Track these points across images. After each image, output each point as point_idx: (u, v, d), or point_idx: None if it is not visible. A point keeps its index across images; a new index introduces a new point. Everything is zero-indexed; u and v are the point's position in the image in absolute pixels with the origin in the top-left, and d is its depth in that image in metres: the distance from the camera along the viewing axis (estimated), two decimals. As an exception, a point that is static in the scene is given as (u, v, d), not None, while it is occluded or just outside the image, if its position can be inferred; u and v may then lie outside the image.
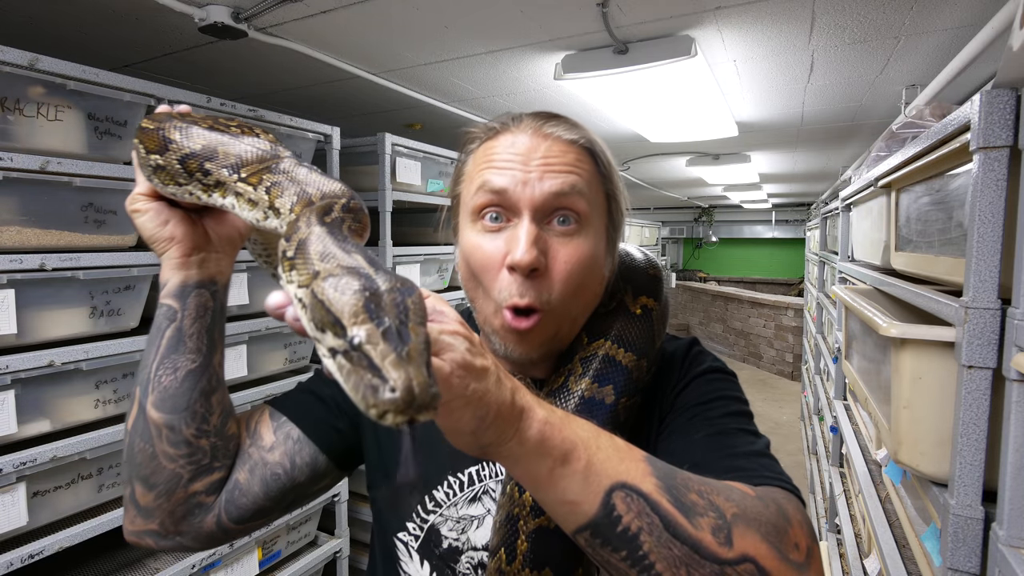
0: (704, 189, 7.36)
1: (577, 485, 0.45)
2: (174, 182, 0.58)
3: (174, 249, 0.62)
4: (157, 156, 0.58)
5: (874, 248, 1.77)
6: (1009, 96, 0.80)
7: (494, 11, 1.77)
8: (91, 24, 1.89)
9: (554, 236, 0.65)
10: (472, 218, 0.67)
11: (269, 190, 0.54)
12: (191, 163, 0.57)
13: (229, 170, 0.56)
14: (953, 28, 1.85)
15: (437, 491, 0.72)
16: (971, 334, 0.85)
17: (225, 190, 0.57)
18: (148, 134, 0.59)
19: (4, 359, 1.30)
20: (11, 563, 1.32)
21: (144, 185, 0.62)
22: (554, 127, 0.67)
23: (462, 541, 0.70)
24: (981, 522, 0.86)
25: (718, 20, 1.81)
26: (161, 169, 0.58)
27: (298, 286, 0.43)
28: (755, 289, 10.22)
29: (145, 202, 0.62)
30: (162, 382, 0.63)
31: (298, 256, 0.45)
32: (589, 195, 0.66)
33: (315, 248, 0.45)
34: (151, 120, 0.61)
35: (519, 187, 0.63)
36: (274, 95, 2.73)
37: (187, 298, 0.63)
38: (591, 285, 0.68)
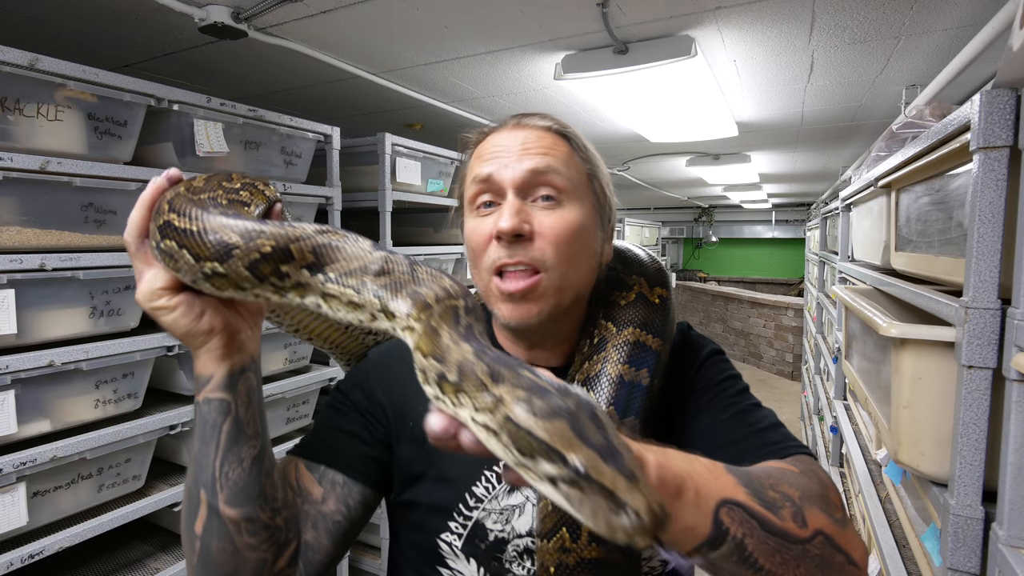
0: (704, 189, 7.36)
1: (691, 512, 0.49)
2: (235, 287, 0.53)
3: (215, 340, 0.59)
4: (215, 264, 0.51)
5: (874, 248, 1.77)
6: (1009, 96, 0.81)
7: (494, 11, 1.77)
8: (91, 24, 1.89)
9: (538, 209, 0.71)
10: (469, 209, 0.75)
11: (379, 294, 0.51)
12: (263, 268, 0.51)
13: (312, 271, 0.52)
14: (953, 28, 1.85)
15: (477, 487, 0.73)
16: (971, 334, 0.85)
17: (306, 290, 0.52)
18: (191, 238, 0.52)
19: (4, 359, 1.30)
20: (11, 563, 1.32)
21: (164, 278, 0.56)
22: (530, 119, 0.76)
23: (507, 531, 0.72)
24: (981, 522, 0.87)
25: (718, 20, 1.81)
26: (220, 276, 0.52)
27: (477, 411, 0.43)
28: (755, 289, 10.22)
29: (169, 297, 0.56)
30: (231, 478, 0.60)
31: (464, 382, 0.43)
32: (567, 172, 0.73)
33: (479, 370, 0.43)
34: (182, 215, 0.53)
35: (501, 170, 0.71)
36: (274, 95, 2.73)
37: (237, 386, 0.61)
38: (584, 254, 0.74)
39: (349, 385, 0.82)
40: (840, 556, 0.56)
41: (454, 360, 0.45)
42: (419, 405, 0.74)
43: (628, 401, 0.71)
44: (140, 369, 1.63)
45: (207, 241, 0.51)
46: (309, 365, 2.24)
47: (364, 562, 2.63)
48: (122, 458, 1.59)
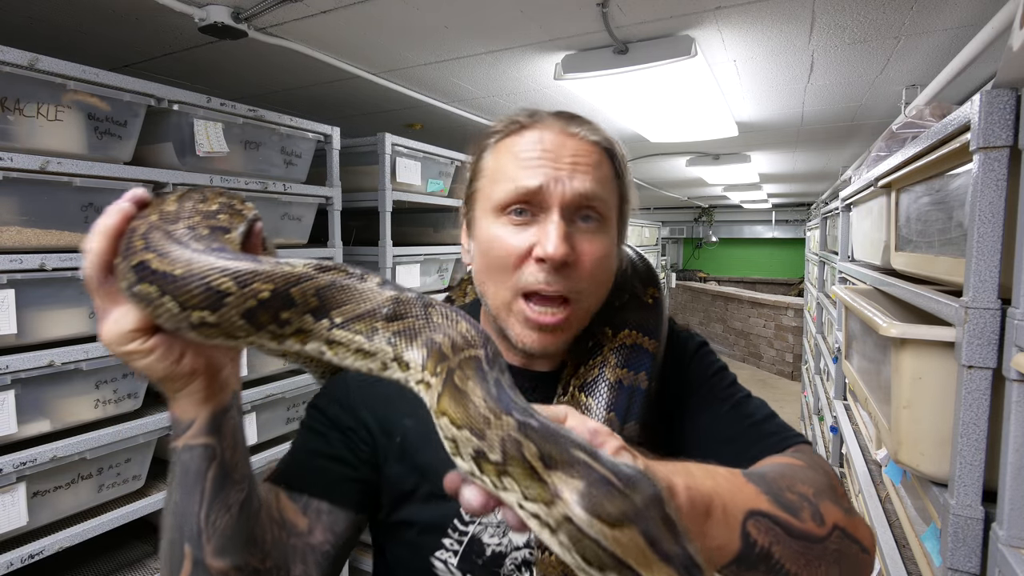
0: (704, 189, 7.36)
1: (721, 530, 0.48)
2: (226, 336, 0.46)
3: (197, 383, 0.53)
4: (204, 313, 0.45)
5: (874, 248, 1.77)
6: (1009, 96, 0.81)
7: (494, 11, 1.77)
8: (91, 24, 1.89)
9: (579, 233, 0.67)
10: (495, 212, 0.68)
11: (392, 341, 0.47)
12: (261, 316, 0.46)
13: (316, 316, 0.47)
14: (953, 28, 1.85)
15: None
16: (971, 334, 0.85)
17: (308, 337, 0.47)
18: (175, 284, 0.44)
19: (4, 359, 1.30)
20: (11, 563, 1.32)
21: (135, 319, 0.48)
22: (579, 127, 0.70)
23: (504, 544, 0.69)
24: (981, 522, 0.87)
25: (718, 20, 1.81)
26: (210, 326, 0.46)
27: (527, 500, 0.39)
28: (755, 289, 10.22)
29: (143, 339, 0.49)
30: (218, 527, 0.55)
31: (510, 464, 0.39)
32: (609, 195, 0.70)
33: (528, 452, 0.39)
34: (162, 256, 0.45)
35: (551, 184, 0.65)
36: (274, 95, 2.73)
37: (222, 428, 0.55)
38: (608, 279, 0.72)
39: (327, 402, 0.76)
40: (855, 546, 0.58)
41: (495, 437, 0.40)
42: (406, 418, 0.72)
43: (628, 406, 0.70)
44: (140, 369, 1.63)
45: (194, 288, 0.44)
46: None
47: (364, 562, 2.63)
48: (122, 458, 1.59)
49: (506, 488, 0.39)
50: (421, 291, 0.95)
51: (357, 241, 2.49)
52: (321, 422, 0.74)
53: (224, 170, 1.81)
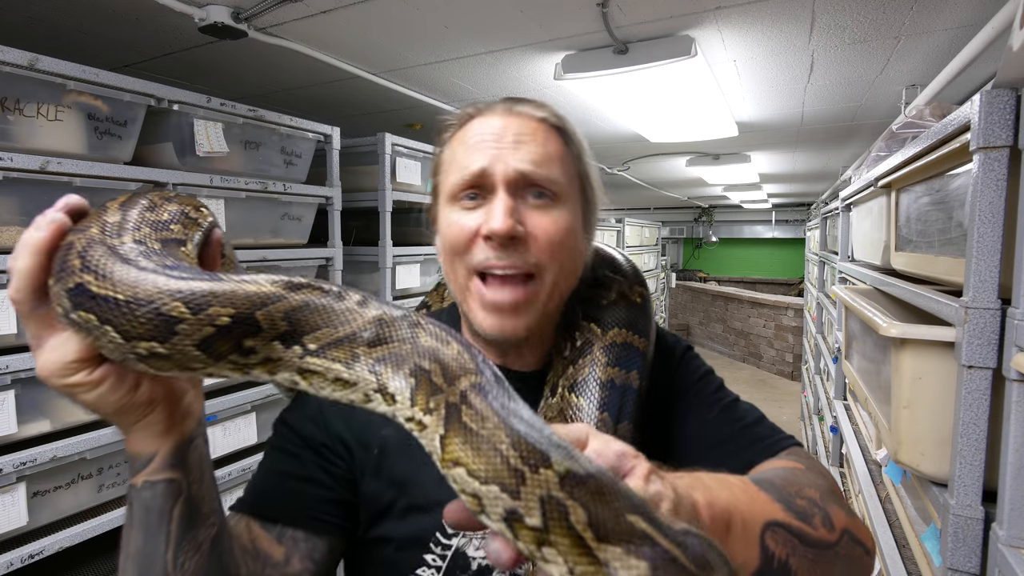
0: (704, 189, 7.36)
1: (741, 546, 0.47)
2: (181, 368, 0.40)
3: (156, 413, 0.48)
4: (154, 343, 0.38)
5: (874, 248, 1.77)
6: (1009, 96, 0.80)
7: (494, 11, 1.77)
8: (91, 24, 1.89)
9: (530, 208, 0.65)
10: (450, 201, 0.68)
11: (375, 369, 0.41)
12: (220, 346, 0.39)
13: (286, 342, 0.41)
14: (953, 28, 1.85)
15: None
16: (971, 334, 0.85)
17: (277, 366, 0.42)
18: (117, 312, 0.38)
19: (4, 359, 1.30)
20: (11, 563, 1.32)
21: (77, 347, 0.42)
22: (523, 107, 0.69)
23: None
24: (981, 522, 0.86)
25: (718, 20, 1.81)
26: (160, 358, 0.39)
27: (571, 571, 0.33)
28: (755, 289, 10.21)
29: (89, 370, 0.43)
30: (188, 569, 0.50)
31: (555, 533, 0.33)
32: (561, 171, 0.67)
33: (576, 519, 0.32)
34: (101, 276, 0.38)
35: (493, 164, 0.64)
36: (274, 95, 2.73)
37: (188, 460, 0.50)
38: (573, 259, 0.69)
39: (298, 418, 0.71)
40: (859, 549, 0.58)
41: (533, 496, 0.33)
42: (383, 428, 0.68)
43: (621, 406, 0.68)
44: (140, 369, 1.63)
45: (140, 315, 0.37)
46: None
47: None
48: (122, 458, 1.59)
49: (546, 560, 0.33)
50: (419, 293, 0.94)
51: (357, 241, 2.49)
52: (292, 441, 0.69)
53: (224, 170, 1.81)
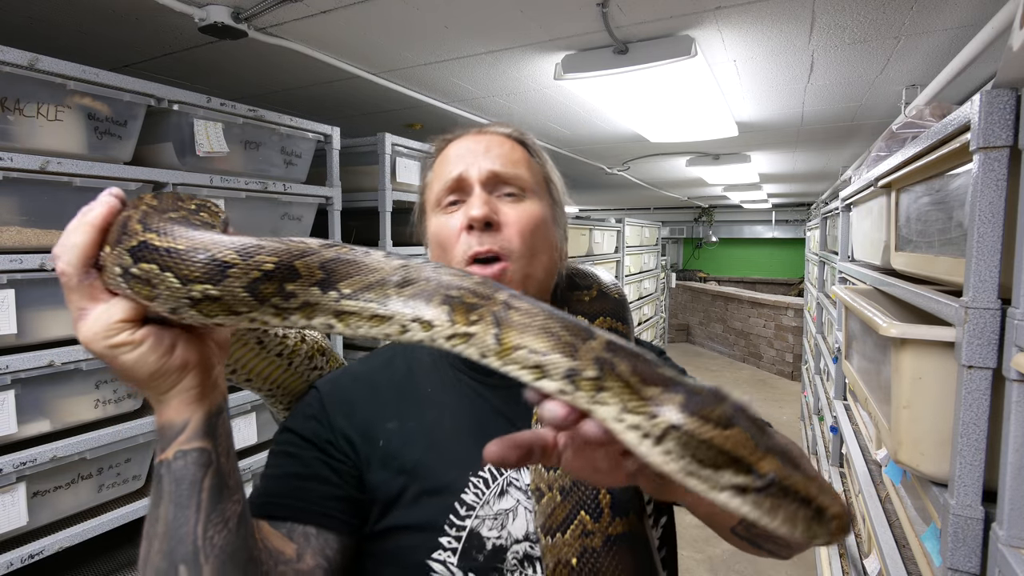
0: (704, 189, 7.36)
1: None
2: (228, 312, 0.45)
3: (190, 377, 0.50)
4: (207, 286, 0.44)
5: (874, 248, 1.77)
6: (1009, 96, 0.80)
7: (494, 11, 1.77)
8: (91, 24, 1.89)
9: (503, 203, 0.76)
10: (435, 208, 0.78)
11: (410, 303, 0.47)
12: (265, 288, 0.45)
13: (323, 288, 0.46)
14: (953, 28, 1.85)
15: (466, 493, 0.69)
16: (971, 334, 0.85)
17: (315, 311, 0.46)
18: (178, 258, 0.44)
19: (4, 359, 1.30)
20: (11, 563, 1.32)
21: (124, 309, 0.47)
22: (490, 127, 0.82)
23: (504, 537, 0.68)
24: (981, 522, 0.86)
25: (718, 20, 1.81)
26: (212, 300, 0.44)
27: (627, 412, 0.41)
28: (755, 289, 10.22)
29: (132, 330, 0.47)
30: (216, 544, 0.50)
31: (607, 379, 0.42)
32: (527, 172, 0.78)
33: (623, 369, 0.42)
34: (163, 234, 0.45)
35: (469, 169, 0.76)
36: (274, 95, 2.73)
37: (217, 430, 0.52)
38: (545, 245, 0.77)
39: (299, 421, 0.73)
40: None
41: (587, 357, 0.43)
42: (388, 422, 0.72)
43: None
44: (140, 369, 1.63)
45: (198, 260, 0.44)
46: None
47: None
48: (122, 458, 1.59)
49: (603, 403, 0.42)
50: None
51: (357, 241, 2.46)
52: (294, 443, 0.71)
53: (224, 170, 1.82)
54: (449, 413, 0.74)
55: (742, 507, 0.39)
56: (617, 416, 0.41)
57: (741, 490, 0.39)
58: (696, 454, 0.39)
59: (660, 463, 0.40)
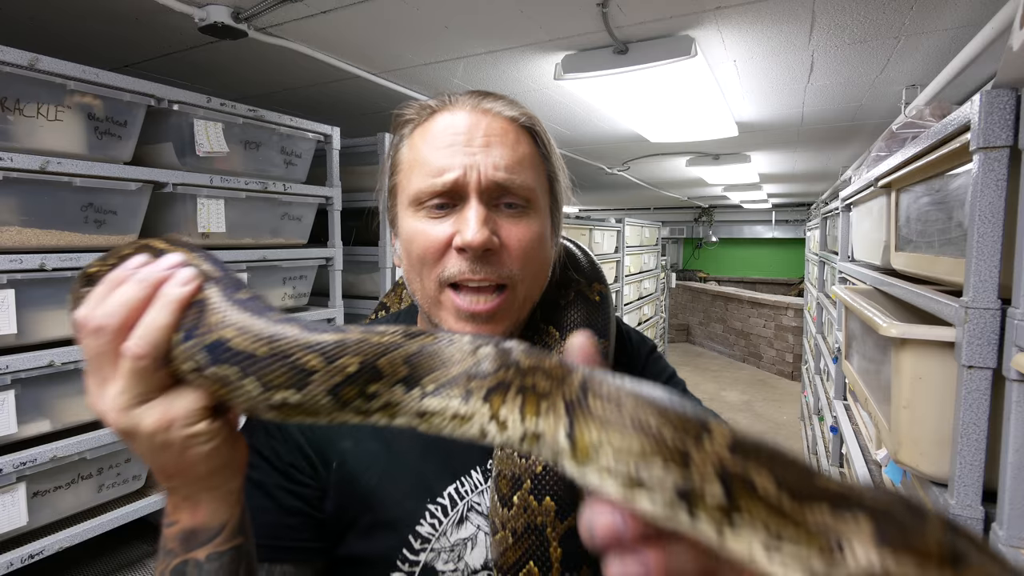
0: (704, 189, 7.36)
1: None
2: (307, 415, 0.41)
3: (239, 474, 0.47)
4: (290, 391, 0.40)
5: (874, 248, 1.77)
6: (1009, 96, 0.80)
7: (494, 11, 1.77)
8: (91, 24, 1.89)
9: (503, 218, 0.63)
10: (414, 207, 0.64)
11: (487, 398, 0.39)
12: (347, 392, 0.40)
13: (408, 385, 0.41)
14: (953, 28, 1.85)
15: (421, 526, 0.64)
16: (971, 334, 0.85)
17: (397, 411, 0.41)
18: (261, 365, 0.40)
19: (4, 359, 1.30)
20: (11, 563, 1.32)
21: (200, 396, 0.42)
22: (492, 103, 0.65)
23: (461, 568, 0.64)
24: (981, 522, 0.87)
25: (718, 20, 1.81)
26: (291, 407, 0.40)
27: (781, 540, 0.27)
28: (755, 289, 10.22)
29: (210, 421, 0.43)
30: None
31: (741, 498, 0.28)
32: (533, 176, 0.65)
33: (763, 483, 0.28)
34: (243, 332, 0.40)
35: (466, 172, 0.60)
36: (274, 95, 2.73)
37: (246, 522, 0.49)
38: (544, 266, 0.68)
39: (261, 440, 0.65)
40: None
41: (708, 466, 0.29)
42: (343, 440, 0.66)
43: None
44: (140, 369, 1.63)
45: (279, 367, 0.40)
46: (308, 306, 2.23)
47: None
48: (122, 458, 1.59)
49: (739, 534, 0.28)
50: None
51: (357, 241, 2.49)
52: (258, 467, 0.64)
53: (224, 170, 1.82)
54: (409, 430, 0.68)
55: None
56: (764, 553, 0.28)
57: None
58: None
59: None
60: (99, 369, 0.42)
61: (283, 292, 2.09)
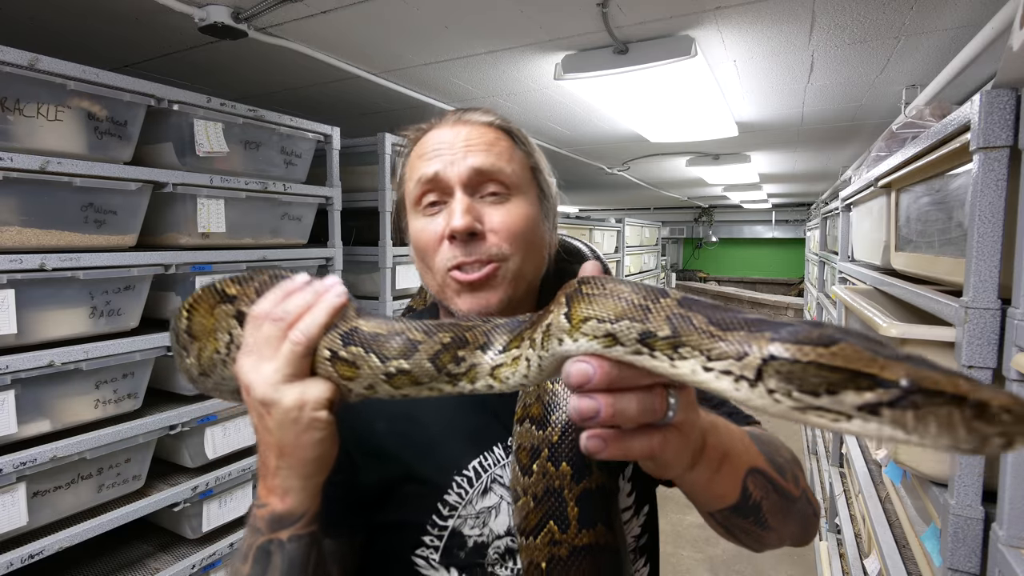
0: (704, 189, 7.35)
1: (727, 480, 0.55)
2: (413, 383, 0.52)
3: (327, 465, 0.56)
4: (402, 360, 0.52)
5: (874, 248, 1.77)
6: (1009, 96, 0.81)
7: (494, 11, 1.77)
8: (91, 24, 1.89)
9: (487, 205, 0.71)
10: (414, 210, 0.74)
11: (524, 336, 0.51)
12: (444, 357, 0.52)
13: (484, 350, 0.52)
14: (953, 28, 1.85)
15: (449, 494, 0.71)
16: (971, 334, 0.85)
17: (477, 373, 0.52)
18: (381, 341, 0.52)
19: (4, 359, 1.30)
20: (11, 563, 1.32)
21: (330, 388, 0.53)
22: (470, 115, 0.75)
23: (486, 534, 0.70)
24: (981, 522, 0.87)
25: (718, 20, 1.81)
26: (403, 374, 0.52)
27: (712, 360, 0.39)
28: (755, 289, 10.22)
29: (328, 413, 0.53)
30: None
31: (685, 335, 0.40)
32: (512, 167, 0.72)
33: (698, 321, 0.40)
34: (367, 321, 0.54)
35: (447, 168, 0.70)
36: (274, 95, 2.73)
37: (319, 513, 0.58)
38: (536, 246, 0.74)
39: None
40: (811, 509, 0.67)
41: (660, 317, 0.41)
42: (376, 422, 0.73)
43: None
44: (140, 369, 1.63)
45: (394, 341, 0.52)
46: None
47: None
48: (122, 458, 1.59)
49: (683, 357, 0.39)
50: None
51: (357, 241, 2.49)
52: None
53: (224, 170, 1.82)
54: (435, 410, 0.74)
55: (882, 430, 0.33)
56: (701, 367, 0.39)
57: (872, 410, 0.33)
58: (804, 384, 0.35)
59: (767, 406, 0.36)
60: (262, 350, 0.53)
61: (283, 292, 2.09)
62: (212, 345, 0.58)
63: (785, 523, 0.61)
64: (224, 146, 1.78)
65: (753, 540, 0.63)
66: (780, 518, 0.60)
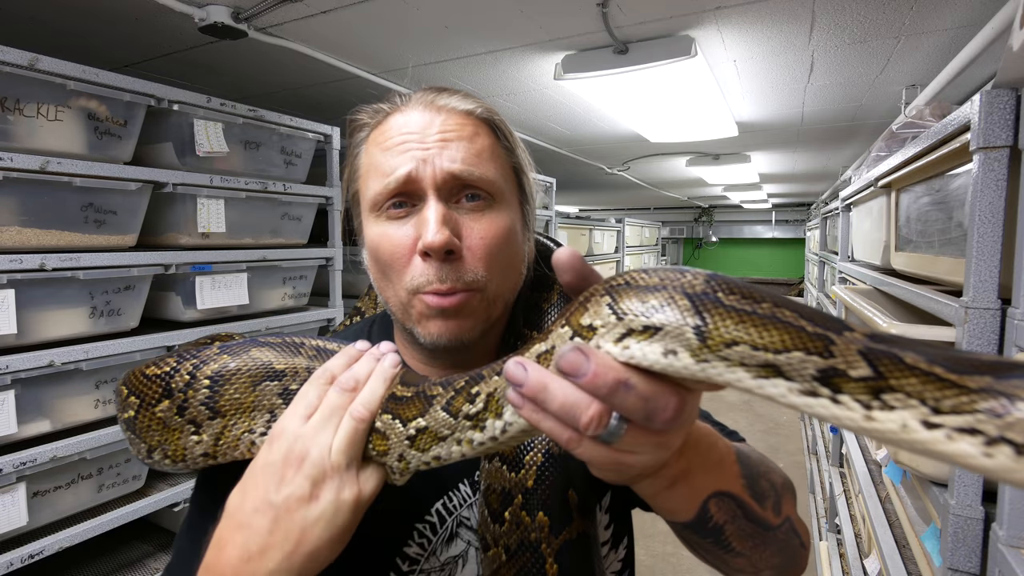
0: (704, 189, 7.35)
1: (678, 500, 0.50)
2: (435, 439, 0.48)
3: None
4: (419, 420, 0.49)
5: (874, 248, 1.77)
6: (1009, 96, 0.81)
7: (494, 11, 1.77)
8: (91, 24, 1.89)
9: (464, 214, 0.59)
10: (374, 212, 0.61)
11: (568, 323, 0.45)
12: (458, 401, 0.47)
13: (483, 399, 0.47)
14: (953, 28, 1.85)
15: (409, 547, 0.62)
16: (971, 334, 0.85)
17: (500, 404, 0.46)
18: (397, 401, 0.50)
19: (4, 359, 1.30)
20: (11, 563, 1.32)
21: (380, 476, 0.51)
22: (447, 99, 0.62)
23: None
24: (981, 522, 0.87)
25: (718, 20, 1.81)
26: (423, 432, 0.48)
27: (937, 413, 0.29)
28: (755, 289, 10.20)
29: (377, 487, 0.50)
30: None
31: (892, 374, 0.30)
32: (494, 168, 0.61)
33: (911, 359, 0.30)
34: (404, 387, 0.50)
35: (419, 167, 0.58)
36: (274, 95, 2.73)
37: None
38: (515, 262, 0.64)
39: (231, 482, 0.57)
40: (796, 539, 0.60)
41: (850, 351, 0.31)
42: None
43: None
44: (140, 369, 1.63)
45: (411, 402, 0.50)
46: (308, 306, 2.23)
47: None
48: (122, 458, 1.59)
49: (890, 407, 0.30)
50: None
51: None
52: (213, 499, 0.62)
53: (224, 170, 1.82)
54: None
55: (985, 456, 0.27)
56: (923, 419, 0.29)
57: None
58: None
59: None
60: (328, 419, 0.48)
61: (283, 292, 2.09)
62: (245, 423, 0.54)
63: (759, 551, 0.56)
64: (224, 146, 1.78)
65: (718, 560, 0.57)
66: (750, 544, 0.54)
